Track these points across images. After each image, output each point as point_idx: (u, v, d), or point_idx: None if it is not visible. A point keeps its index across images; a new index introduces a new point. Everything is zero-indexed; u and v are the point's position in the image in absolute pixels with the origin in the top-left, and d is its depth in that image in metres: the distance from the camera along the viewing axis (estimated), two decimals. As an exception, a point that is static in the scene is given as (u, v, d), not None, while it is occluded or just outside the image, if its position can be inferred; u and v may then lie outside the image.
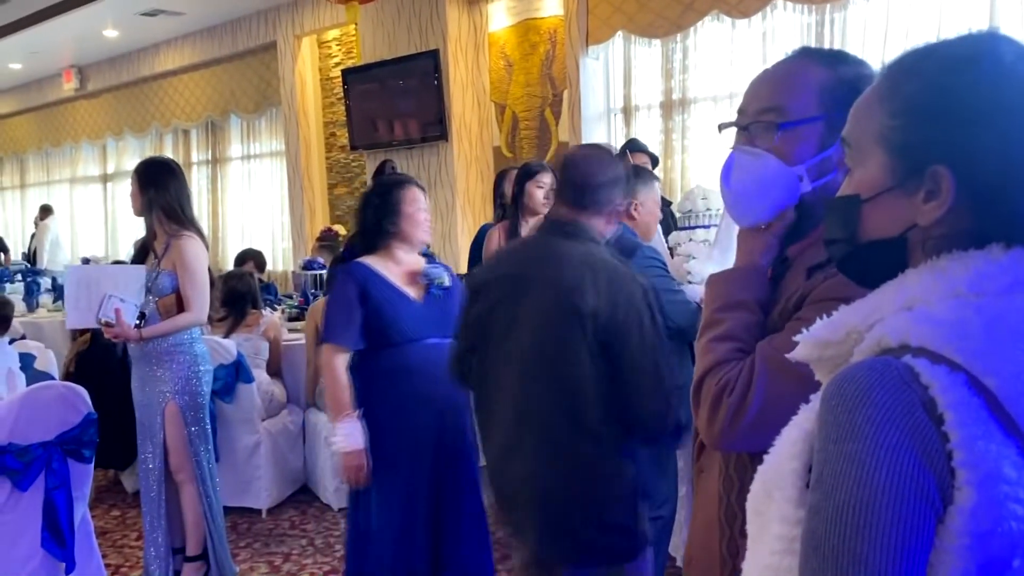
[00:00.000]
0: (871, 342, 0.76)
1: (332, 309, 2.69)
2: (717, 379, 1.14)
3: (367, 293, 2.61)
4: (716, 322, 1.20)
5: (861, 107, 0.88)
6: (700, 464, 1.28)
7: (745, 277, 1.23)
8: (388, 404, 2.61)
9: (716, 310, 1.21)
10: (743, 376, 1.11)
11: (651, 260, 2.58)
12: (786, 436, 0.81)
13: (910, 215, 0.81)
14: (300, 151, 8.10)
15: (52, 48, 9.67)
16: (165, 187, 3.11)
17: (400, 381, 2.63)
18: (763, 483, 0.82)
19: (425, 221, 2.72)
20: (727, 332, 1.17)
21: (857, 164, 0.87)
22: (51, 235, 10.57)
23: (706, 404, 1.14)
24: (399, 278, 2.69)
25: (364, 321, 2.61)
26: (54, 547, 3.04)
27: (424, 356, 2.64)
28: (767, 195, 1.17)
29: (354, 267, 2.69)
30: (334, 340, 2.62)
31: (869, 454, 0.68)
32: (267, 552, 3.76)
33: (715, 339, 1.18)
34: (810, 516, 0.72)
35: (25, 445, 2.92)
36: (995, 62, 0.79)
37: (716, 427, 1.13)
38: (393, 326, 2.62)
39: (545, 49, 6.29)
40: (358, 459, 2.55)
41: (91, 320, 3.06)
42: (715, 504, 1.18)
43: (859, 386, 0.71)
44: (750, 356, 1.13)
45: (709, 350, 1.17)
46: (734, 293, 1.20)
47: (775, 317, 1.17)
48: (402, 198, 2.69)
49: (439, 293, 2.71)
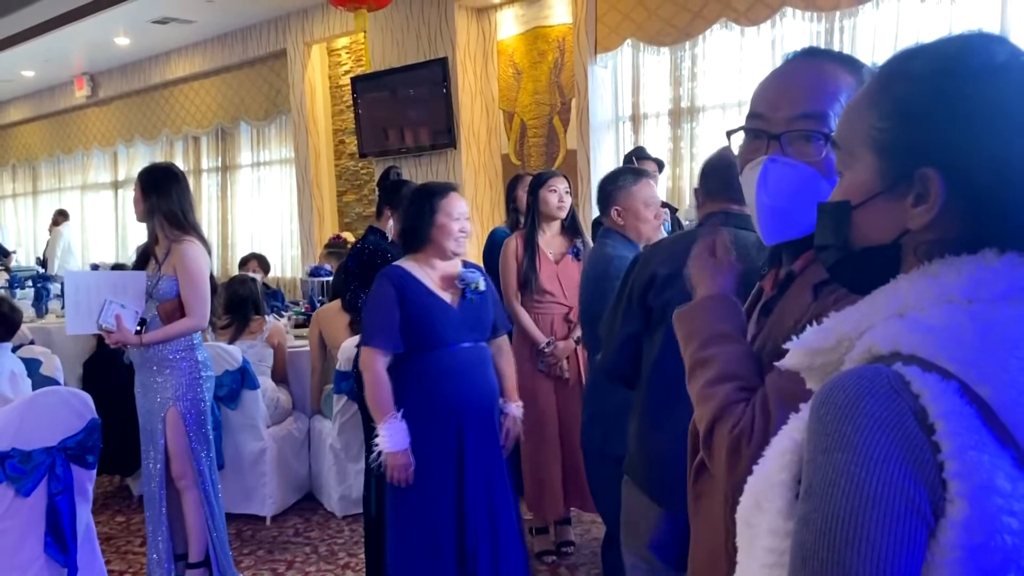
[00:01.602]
0: (862, 350, 0.75)
1: (371, 312, 2.69)
2: (729, 427, 1.06)
3: (404, 297, 2.63)
4: (703, 362, 1.12)
5: (851, 109, 0.86)
6: (698, 489, 1.21)
7: (717, 305, 1.16)
8: (422, 407, 2.63)
9: (698, 348, 1.13)
10: (758, 421, 1.03)
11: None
12: (776, 447, 0.80)
13: (901, 220, 0.80)
14: (309, 158, 8.12)
15: (64, 56, 9.74)
16: (167, 193, 3.11)
17: (434, 384, 2.65)
18: (753, 494, 0.81)
19: (459, 233, 2.69)
20: (722, 372, 1.09)
21: (847, 168, 0.86)
22: (63, 241, 10.63)
23: (722, 454, 1.06)
24: (435, 282, 2.71)
25: (402, 324, 2.62)
26: (57, 553, 3.03)
27: (458, 360, 2.67)
28: (806, 210, 1.04)
29: (392, 271, 2.71)
30: (373, 343, 2.64)
31: (858, 465, 0.66)
32: (271, 560, 3.75)
33: (711, 382, 1.10)
34: (799, 527, 0.70)
35: (28, 451, 2.92)
36: (985, 62, 0.77)
37: (738, 477, 1.04)
38: (430, 330, 2.64)
39: (554, 57, 6.29)
40: (404, 458, 2.57)
41: (91, 327, 3.06)
42: (721, 535, 1.13)
43: (848, 395, 0.69)
44: (759, 393, 1.06)
45: (708, 396, 1.09)
46: (711, 326, 1.14)
47: (780, 340, 1.08)
48: (438, 207, 2.69)
49: (474, 297, 2.72)
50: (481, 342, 2.77)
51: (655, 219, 2.77)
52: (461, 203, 2.72)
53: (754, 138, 1.15)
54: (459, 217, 2.69)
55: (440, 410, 2.64)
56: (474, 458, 2.67)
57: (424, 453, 2.62)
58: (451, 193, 2.73)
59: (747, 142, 1.17)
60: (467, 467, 2.66)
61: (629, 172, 2.87)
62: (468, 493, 2.66)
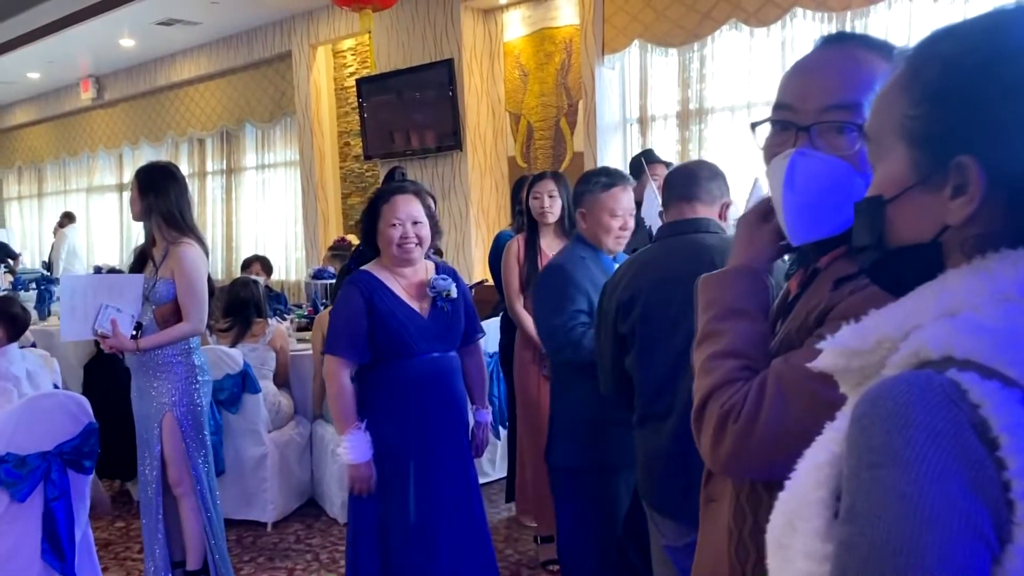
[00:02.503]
0: (908, 353, 0.67)
1: (336, 320, 2.61)
2: (721, 403, 1.02)
3: (373, 305, 2.54)
4: (715, 334, 1.07)
5: (881, 98, 0.80)
6: (708, 492, 1.16)
7: (744, 279, 1.09)
8: (390, 417, 2.57)
9: (713, 319, 1.09)
10: (752, 399, 0.99)
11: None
12: (810, 460, 0.72)
13: (939, 215, 0.73)
14: (314, 160, 8.07)
15: (69, 58, 9.72)
16: (165, 192, 3.04)
17: (401, 394, 2.58)
18: (785, 513, 0.73)
19: (402, 239, 2.54)
20: (729, 347, 1.05)
21: (879, 160, 0.79)
22: (68, 244, 10.60)
23: (708, 429, 1.02)
24: (405, 289, 2.62)
25: (369, 333, 2.54)
26: (53, 560, 2.97)
27: (426, 370, 2.59)
28: (838, 207, 0.98)
29: (359, 277, 2.62)
30: (338, 352, 2.56)
31: (910, 483, 0.58)
32: (271, 567, 3.68)
33: (716, 355, 1.05)
34: (841, 552, 0.63)
35: (23, 455, 2.86)
36: (1020, 36, 0.70)
37: (720, 454, 1.01)
38: (397, 340, 2.55)
39: (561, 59, 6.22)
40: (365, 470, 2.52)
41: (87, 332, 2.99)
42: (724, 539, 1.07)
43: (897, 404, 0.62)
44: (760, 375, 1.01)
45: (710, 369, 1.05)
46: (732, 299, 1.08)
47: (793, 332, 1.05)
48: (380, 213, 2.58)
49: (445, 306, 2.63)
50: (451, 351, 2.68)
51: (620, 230, 2.61)
52: (408, 207, 2.55)
53: (781, 130, 1.07)
54: (397, 223, 2.54)
55: (406, 420, 2.57)
56: (437, 470, 2.60)
57: (387, 463, 2.56)
58: (395, 197, 2.58)
59: (773, 135, 1.09)
60: (431, 479, 2.59)
61: (604, 175, 2.68)
62: (431, 505, 2.59)
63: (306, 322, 5.24)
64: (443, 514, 2.60)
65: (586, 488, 2.52)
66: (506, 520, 4.10)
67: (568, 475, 2.56)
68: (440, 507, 2.59)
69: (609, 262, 2.69)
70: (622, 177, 2.71)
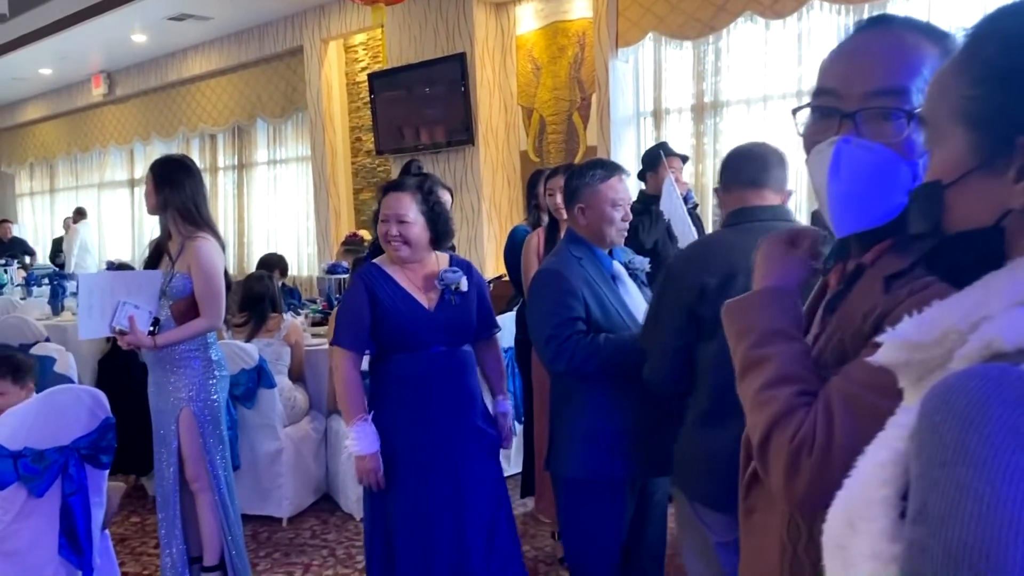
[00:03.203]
0: (978, 345, 0.64)
1: (341, 312, 2.61)
2: (789, 435, 0.95)
3: (376, 298, 2.53)
4: (759, 362, 1.02)
5: (938, 80, 0.77)
6: (750, 503, 1.11)
7: (776, 300, 1.05)
8: (396, 410, 2.56)
9: (753, 346, 1.03)
10: (821, 429, 0.93)
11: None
12: (872, 458, 0.70)
13: (1001, 198, 0.70)
14: (326, 156, 8.06)
15: (81, 53, 9.73)
16: (181, 186, 3.02)
17: (406, 388, 2.56)
18: (845, 512, 0.71)
19: (396, 238, 2.52)
20: (779, 373, 0.99)
21: (936, 144, 0.77)
22: (80, 239, 10.63)
23: (779, 465, 0.96)
24: (413, 282, 2.60)
25: (371, 326, 2.53)
26: (71, 554, 2.97)
27: (431, 364, 2.57)
28: (885, 197, 0.95)
29: (366, 270, 2.61)
30: (341, 344, 2.56)
31: (988, 483, 0.56)
32: (287, 562, 3.67)
33: (768, 384, 0.99)
34: (912, 555, 0.60)
35: (41, 450, 2.85)
36: None
37: (797, 491, 0.95)
38: (400, 332, 2.54)
39: (574, 52, 6.19)
40: (372, 462, 2.51)
41: (104, 329, 2.98)
42: (776, 554, 1.03)
43: (971, 399, 0.59)
44: (821, 398, 0.95)
45: (765, 400, 0.99)
46: (768, 322, 1.04)
47: (847, 339, 0.99)
48: (380, 208, 2.59)
49: (454, 298, 2.60)
50: (461, 346, 2.64)
51: (622, 220, 2.46)
52: (396, 204, 2.54)
53: (822, 117, 1.03)
54: (384, 219, 2.54)
55: (410, 414, 2.55)
56: (441, 465, 2.57)
57: (394, 455, 2.55)
58: (388, 193, 2.58)
59: (814, 122, 1.05)
60: (434, 472, 2.56)
61: (600, 167, 2.52)
62: (432, 499, 2.57)
63: (320, 317, 5.23)
64: (446, 509, 2.57)
65: (590, 498, 2.43)
66: (522, 516, 4.08)
67: (571, 486, 2.49)
68: (443, 502, 2.56)
69: (606, 258, 2.52)
70: (618, 167, 2.55)
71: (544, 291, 2.42)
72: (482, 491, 2.66)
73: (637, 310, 2.47)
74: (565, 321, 2.32)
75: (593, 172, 2.47)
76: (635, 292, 2.57)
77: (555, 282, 2.38)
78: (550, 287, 2.39)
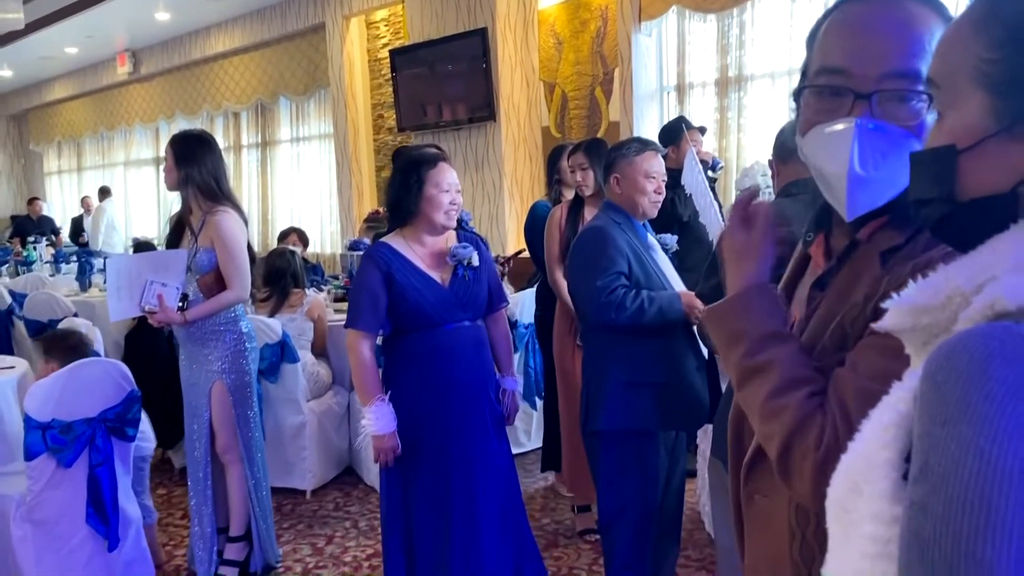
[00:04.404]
0: (983, 305, 0.64)
1: (355, 293, 2.61)
2: (812, 444, 0.92)
3: (391, 277, 2.53)
4: (760, 369, 0.98)
5: (950, 40, 0.75)
6: (752, 487, 1.09)
7: (763, 300, 1.01)
8: (413, 387, 2.57)
9: (748, 353, 0.99)
10: (843, 434, 0.89)
11: None
12: (876, 421, 0.70)
13: (1020, 164, 0.69)
14: (348, 133, 8.07)
15: (106, 32, 9.80)
16: (201, 161, 3.04)
17: (424, 366, 2.57)
18: (848, 475, 0.71)
19: (450, 205, 2.55)
20: (785, 379, 0.96)
21: (949, 108, 0.75)
22: (107, 217, 10.76)
23: (807, 475, 0.92)
24: (425, 259, 2.60)
25: (388, 306, 2.54)
26: (98, 524, 3.03)
27: (449, 340, 2.58)
28: (899, 179, 0.92)
29: (377, 249, 2.60)
30: (357, 326, 2.55)
31: (989, 439, 0.55)
32: (310, 534, 3.73)
33: (776, 393, 0.96)
34: (914, 514, 0.60)
35: (68, 421, 2.91)
36: None
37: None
38: (417, 311, 2.54)
39: (596, 26, 6.13)
40: (390, 442, 2.52)
41: (134, 310, 3.01)
42: (785, 539, 1.01)
43: (973, 357, 0.58)
44: (835, 400, 0.93)
45: (776, 410, 0.95)
46: (759, 325, 1.00)
47: (847, 324, 0.97)
48: (426, 178, 2.54)
49: (466, 274, 2.61)
50: (475, 320, 2.66)
51: (655, 193, 2.63)
52: (451, 174, 2.57)
53: (832, 96, 0.99)
54: (448, 188, 2.55)
55: (431, 391, 2.56)
56: (461, 441, 2.59)
57: (412, 432, 2.56)
58: (440, 163, 2.58)
59: (820, 100, 1.01)
60: (453, 449, 2.58)
61: (636, 141, 2.74)
62: (457, 478, 2.59)
63: (342, 293, 5.26)
64: (464, 484, 2.60)
65: (626, 451, 2.51)
66: (542, 490, 4.11)
67: (606, 440, 2.55)
68: (461, 478, 2.59)
69: (641, 228, 2.68)
70: (654, 144, 2.76)
71: (591, 246, 2.57)
72: (499, 464, 2.69)
73: (671, 277, 2.64)
74: (612, 274, 2.48)
75: (630, 146, 2.70)
76: (667, 262, 2.74)
77: (602, 238, 2.55)
78: (597, 243, 2.55)
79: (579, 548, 3.45)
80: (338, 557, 3.48)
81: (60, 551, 2.97)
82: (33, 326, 5.37)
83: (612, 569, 2.65)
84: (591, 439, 2.64)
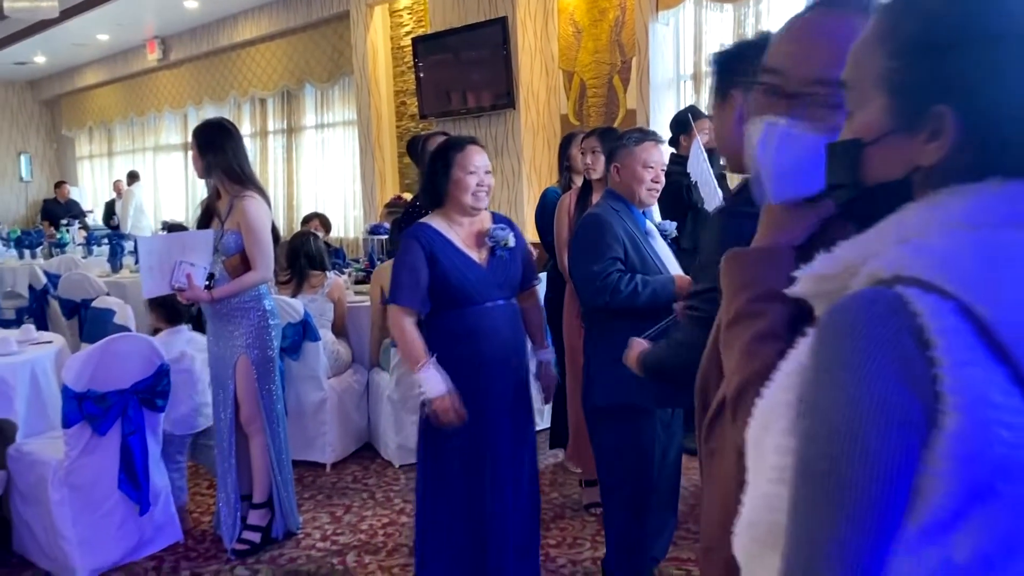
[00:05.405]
0: (865, 275, 0.77)
1: (398, 271, 2.68)
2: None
3: (434, 256, 2.61)
4: (754, 315, 1.02)
5: (860, 48, 0.86)
6: (711, 446, 1.15)
7: (783, 262, 1.03)
8: (452, 365, 2.62)
9: (755, 299, 1.03)
10: None
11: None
12: (783, 370, 0.83)
13: (913, 156, 0.81)
14: (371, 120, 8.22)
15: (136, 19, 10.00)
16: (222, 148, 3.22)
17: (464, 343, 2.65)
18: (760, 416, 0.84)
19: (477, 187, 2.64)
20: (770, 330, 0.99)
21: (858, 107, 0.86)
22: (135, 201, 11.01)
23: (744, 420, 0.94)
24: (464, 240, 2.69)
25: (430, 284, 2.63)
26: (130, 489, 3.21)
27: (488, 318, 2.67)
28: (818, 175, 0.95)
29: (419, 229, 2.69)
30: (401, 302, 2.64)
31: (855, 382, 0.69)
32: (329, 504, 3.90)
33: (756, 338, 1.00)
34: (801, 442, 0.74)
35: (103, 392, 3.09)
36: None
37: None
38: (459, 290, 2.63)
39: (615, 15, 6.22)
40: (448, 401, 2.56)
41: (165, 288, 3.17)
42: (733, 492, 1.05)
43: (848, 316, 0.72)
44: None
45: (752, 352, 0.99)
46: (773, 281, 1.02)
47: None
48: (453, 161, 2.65)
49: (504, 254, 2.71)
50: (511, 299, 2.76)
51: (652, 182, 2.72)
52: (479, 156, 2.66)
53: (765, 94, 1.08)
54: (475, 171, 2.63)
55: (469, 368, 2.63)
56: (501, 417, 2.68)
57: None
58: (468, 147, 2.68)
59: (760, 95, 1.09)
60: (493, 426, 2.67)
61: (637, 131, 2.84)
62: (493, 452, 2.68)
63: (363, 275, 5.42)
64: (500, 457, 2.69)
65: (622, 427, 2.63)
66: (552, 466, 4.25)
67: (603, 416, 2.67)
68: (501, 449, 2.68)
69: (640, 216, 2.78)
70: (655, 135, 2.85)
71: (589, 233, 2.69)
72: (529, 439, 2.81)
73: (668, 262, 2.74)
74: (608, 260, 2.60)
75: (630, 136, 2.80)
76: (665, 248, 2.84)
77: (599, 225, 2.67)
78: (594, 230, 2.67)
79: (584, 520, 3.60)
80: (355, 525, 3.65)
81: (95, 514, 3.16)
82: (67, 305, 5.59)
83: (610, 540, 2.79)
84: (590, 415, 2.77)
